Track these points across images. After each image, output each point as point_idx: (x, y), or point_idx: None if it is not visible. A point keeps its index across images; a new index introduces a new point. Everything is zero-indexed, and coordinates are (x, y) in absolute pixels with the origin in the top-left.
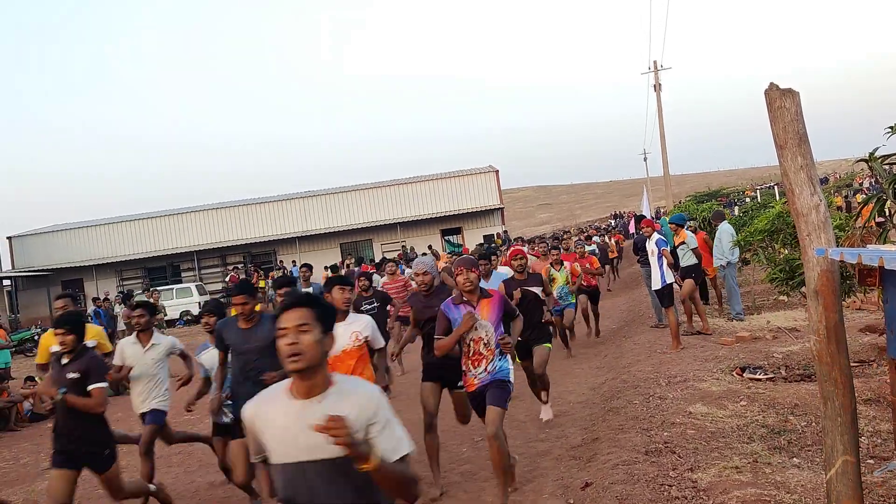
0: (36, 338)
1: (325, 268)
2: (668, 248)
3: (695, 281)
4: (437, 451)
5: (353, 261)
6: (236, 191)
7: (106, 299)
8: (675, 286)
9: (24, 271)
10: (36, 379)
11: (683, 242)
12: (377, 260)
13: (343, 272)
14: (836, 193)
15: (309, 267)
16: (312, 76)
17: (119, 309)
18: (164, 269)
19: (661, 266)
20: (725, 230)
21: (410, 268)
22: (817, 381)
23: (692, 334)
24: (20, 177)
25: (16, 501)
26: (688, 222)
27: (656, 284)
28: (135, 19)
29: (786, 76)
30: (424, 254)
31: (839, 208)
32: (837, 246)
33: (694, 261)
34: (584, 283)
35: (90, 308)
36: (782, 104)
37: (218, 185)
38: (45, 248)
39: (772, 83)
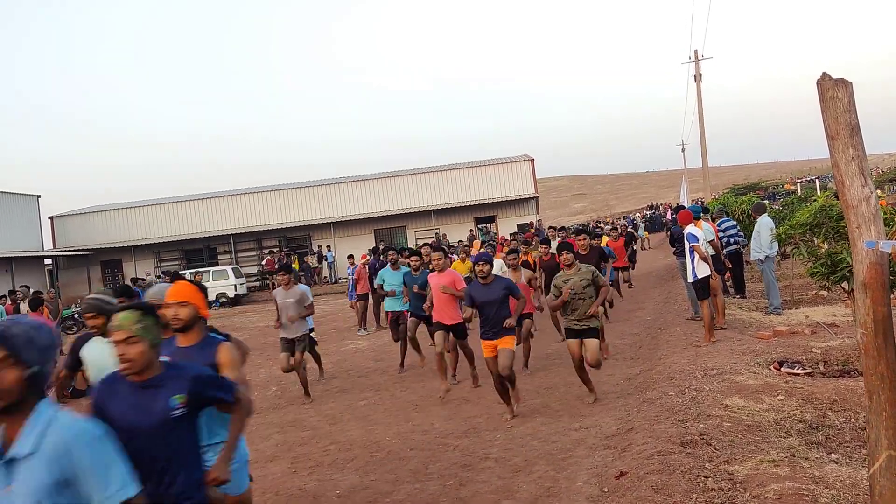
0: (76, 316)
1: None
2: (700, 243)
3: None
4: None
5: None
6: (275, 178)
7: (143, 279)
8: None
9: (65, 251)
10: None
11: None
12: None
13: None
14: (879, 188)
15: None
16: (332, 79)
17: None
18: (200, 251)
19: (692, 260)
20: (765, 223)
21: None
22: (863, 374)
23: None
24: (64, 159)
25: None
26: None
27: (691, 277)
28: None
29: (830, 67)
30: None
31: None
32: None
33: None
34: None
35: None
36: (834, 94)
37: (256, 173)
38: (86, 228)
39: (824, 73)
